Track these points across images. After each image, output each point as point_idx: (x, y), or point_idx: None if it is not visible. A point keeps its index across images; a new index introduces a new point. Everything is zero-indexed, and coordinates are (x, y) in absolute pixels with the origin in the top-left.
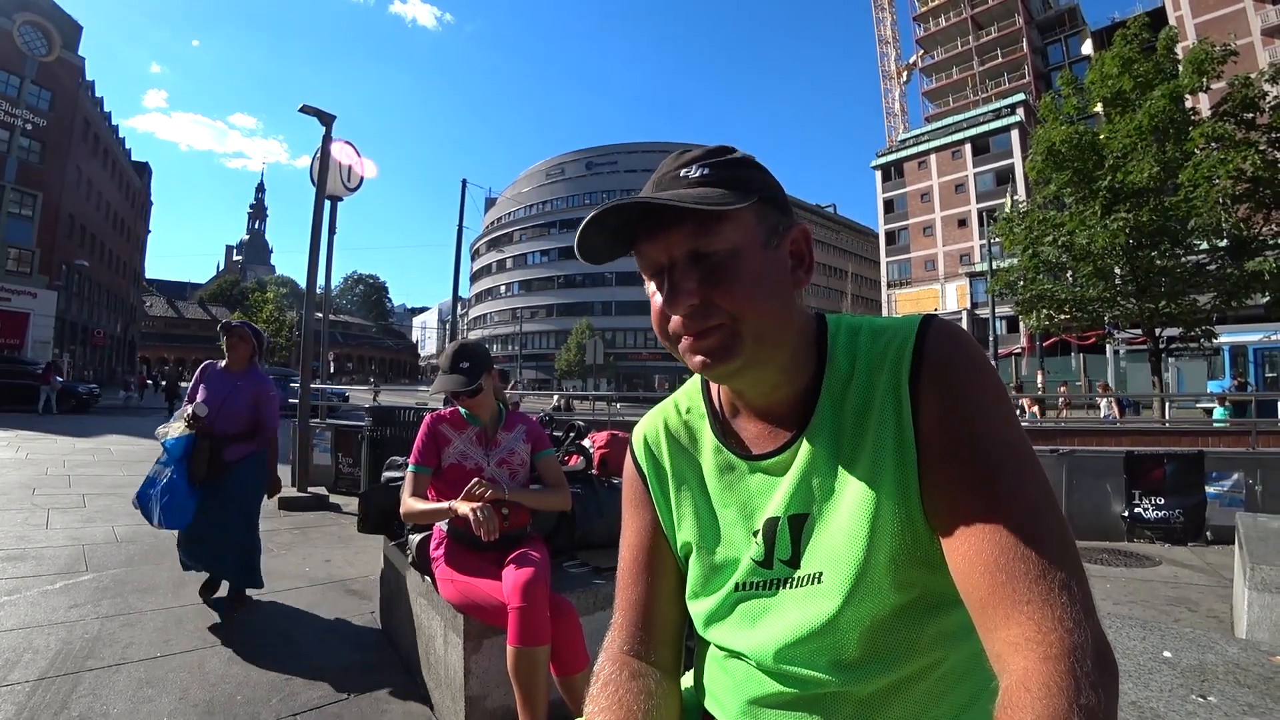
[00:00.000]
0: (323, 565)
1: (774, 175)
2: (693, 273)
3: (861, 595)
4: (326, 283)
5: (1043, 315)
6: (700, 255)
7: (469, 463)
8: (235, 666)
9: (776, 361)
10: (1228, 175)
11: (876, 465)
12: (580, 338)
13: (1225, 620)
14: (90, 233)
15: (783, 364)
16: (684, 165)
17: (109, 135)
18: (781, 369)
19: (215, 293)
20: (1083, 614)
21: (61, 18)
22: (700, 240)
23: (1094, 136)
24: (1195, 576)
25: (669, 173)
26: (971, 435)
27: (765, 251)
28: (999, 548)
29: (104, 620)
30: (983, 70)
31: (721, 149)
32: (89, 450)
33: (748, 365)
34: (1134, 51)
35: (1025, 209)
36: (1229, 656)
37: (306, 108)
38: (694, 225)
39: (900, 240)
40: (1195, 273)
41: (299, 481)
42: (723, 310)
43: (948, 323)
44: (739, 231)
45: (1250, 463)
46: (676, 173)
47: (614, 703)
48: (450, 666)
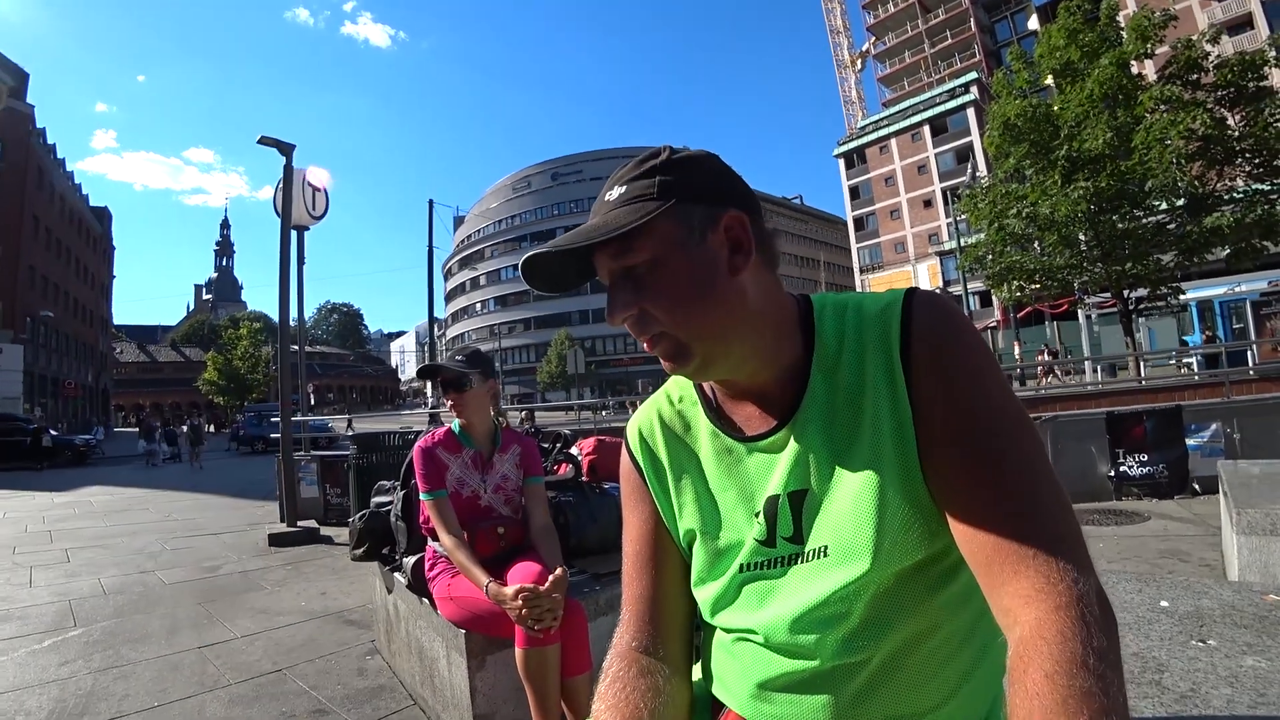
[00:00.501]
0: (318, 598)
1: (712, 165)
2: (627, 285)
3: (867, 565)
4: (300, 314)
5: (1014, 287)
6: (627, 270)
7: (466, 491)
8: (236, 709)
9: (738, 351)
10: (1179, 136)
11: (875, 437)
12: (560, 348)
13: (1217, 567)
14: (53, 282)
15: (752, 351)
16: (610, 188)
17: (64, 182)
18: (757, 354)
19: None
20: (1084, 565)
21: (9, 66)
22: (622, 259)
23: (1047, 108)
24: (1184, 528)
25: (602, 197)
26: (965, 402)
27: (688, 251)
28: (1001, 508)
29: (97, 674)
30: (934, 52)
31: (651, 156)
32: (68, 504)
33: (705, 364)
34: (1078, 23)
35: (987, 184)
36: (1224, 600)
37: (265, 139)
38: (614, 247)
39: (869, 225)
40: (1156, 232)
41: (287, 516)
42: (655, 320)
43: (931, 293)
44: (655, 241)
45: (1226, 412)
46: (604, 197)
47: (621, 700)
48: (456, 687)
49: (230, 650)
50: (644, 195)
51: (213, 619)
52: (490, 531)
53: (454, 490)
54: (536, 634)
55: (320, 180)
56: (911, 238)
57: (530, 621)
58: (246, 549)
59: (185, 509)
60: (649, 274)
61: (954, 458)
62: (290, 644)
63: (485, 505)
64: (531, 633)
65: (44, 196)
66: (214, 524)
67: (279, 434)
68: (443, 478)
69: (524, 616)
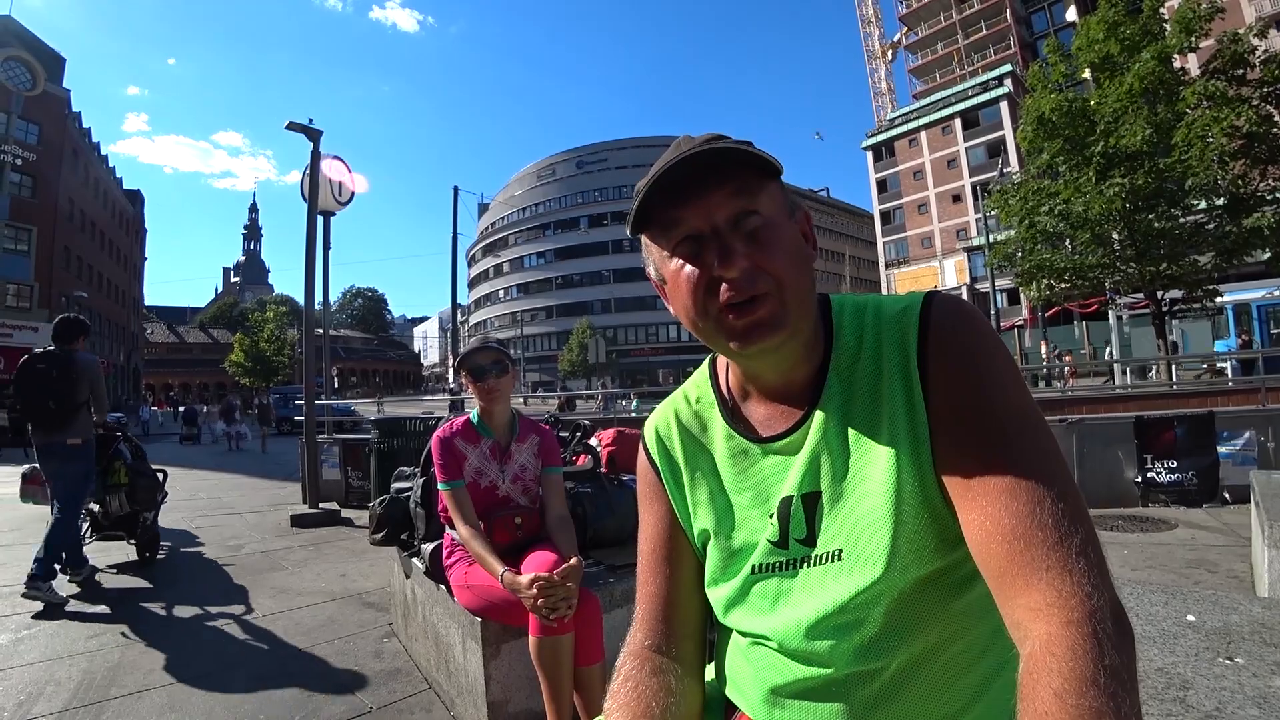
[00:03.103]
0: (338, 580)
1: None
2: (738, 236)
3: (883, 571)
4: (325, 298)
5: (1043, 285)
6: (741, 218)
7: (484, 480)
8: (257, 686)
9: (805, 334)
10: (1222, 133)
11: (890, 441)
12: (581, 337)
13: (1245, 580)
14: (87, 263)
15: (807, 339)
16: (703, 142)
17: (99, 165)
18: (804, 344)
19: (215, 316)
20: (1100, 579)
21: (44, 51)
22: (743, 200)
23: (1084, 103)
24: (1212, 537)
25: (688, 150)
26: (981, 407)
27: (791, 223)
28: (1015, 517)
29: (124, 648)
30: (968, 44)
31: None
32: None
33: (791, 337)
34: (1119, 15)
35: (1019, 180)
36: (1253, 616)
37: (293, 125)
38: (734, 187)
39: (896, 220)
40: (1194, 233)
41: (310, 498)
42: (769, 277)
43: (952, 297)
44: (773, 201)
45: (1261, 420)
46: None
47: (633, 699)
48: (470, 674)
49: (252, 628)
50: (755, 155)
51: (236, 597)
52: (507, 521)
53: (472, 480)
54: (551, 623)
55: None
56: (939, 233)
57: (545, 610)
58: (269, 529)
59: (211, 488)
60: (765, 229)
61: (967, 464)
62: (310, 624)
63: (503, 495)
64: (546, 621)
65: (79, 179)
66: (239, 503)
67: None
68: (460, 468)
69: (539, 605)
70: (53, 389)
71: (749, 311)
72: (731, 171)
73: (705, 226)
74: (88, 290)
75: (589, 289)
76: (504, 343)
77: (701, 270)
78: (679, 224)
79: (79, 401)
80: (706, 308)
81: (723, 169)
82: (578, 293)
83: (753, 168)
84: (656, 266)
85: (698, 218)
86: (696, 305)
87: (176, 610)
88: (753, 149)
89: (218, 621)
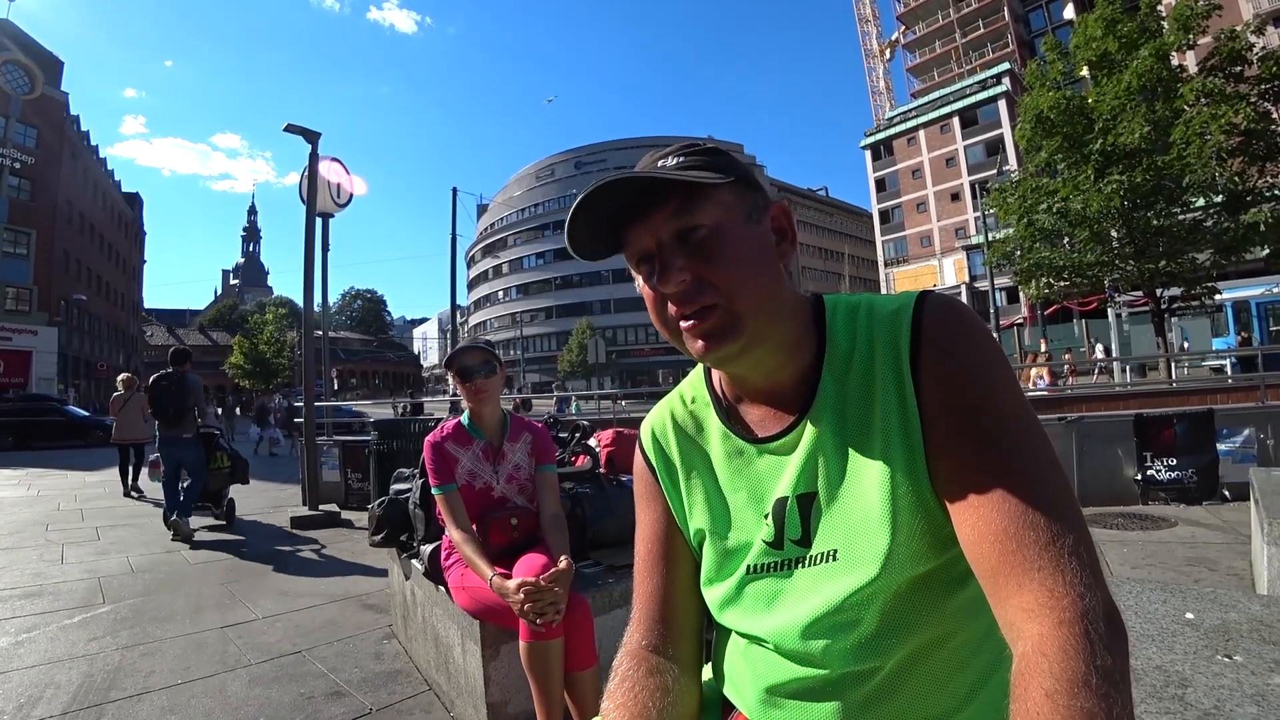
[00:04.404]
0: (338, 581)
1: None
2: (680, 251)
3: (876, 571)
4: (324, 300)
5: (1042, 283)
6: (685, 233)
7: (479, 482)
8: (256, 688)
9: (775, 338)
10: (1220, 130)
11: (884, 442)
12: (581, 337)
13: (1245, 577)
14: (86, 267)
15: (781, 342)
16: (659, 159)
17: (97, 168)
18: (782, 348)
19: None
20: (1092, 579)
21: (42, 54)
22: (683, 218)
23: (1082, 101)
24: (1212, 535)
25: (645, 167)
26: (974, 407)
27: (748, 226)
28: (1007, 517)
29: (124, 651)
30: (965, 42)
31: (694, 143)
32: (99, 483)
33: (750, 344)
34: (1117, 12)
35: (1018, 178)
36: (1252, 614)
37: (291, 127)
38: (676, 203)
39: (894, 218)
40: (1193, 230)
41: (309, 500)
42: (714, 288)
43: (945, 296)
44: (720, 209)
45: (1261, 417)
46: (653, 165)
47: (630, 699)
48: (470, 675)
49: (252, 630)
50: (705, 166)
51: (235, 599)
52: (503, 522)
53: (466, 483)
54: (539, 628)
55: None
56: (938, 231)
57: (532, 615)
58: (269, 532)
59: None
60: (710, 240)
61: (960, 465)
62: (310, 626)
63: (499, 496)
64: (534, 626)
65: (77, 182)
66: (239, 505)
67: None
68: (452, 471)
69: (526, 610)
70: (171, 399)
71: (699, 323)
72: (669, 189)
73: (651, 244)
74: (87, 293)
75: (588, 289)
76: (494, 344)
77: (654, 288)
78: (630, 244)
79: (188, 407)
80: (665, 322)
81: (659, 189)
82: (577, 293)
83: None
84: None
85: (644, 237)
86: (658, 319)
87: (176, 613)
88: (676, 174)
89: (217, 623)
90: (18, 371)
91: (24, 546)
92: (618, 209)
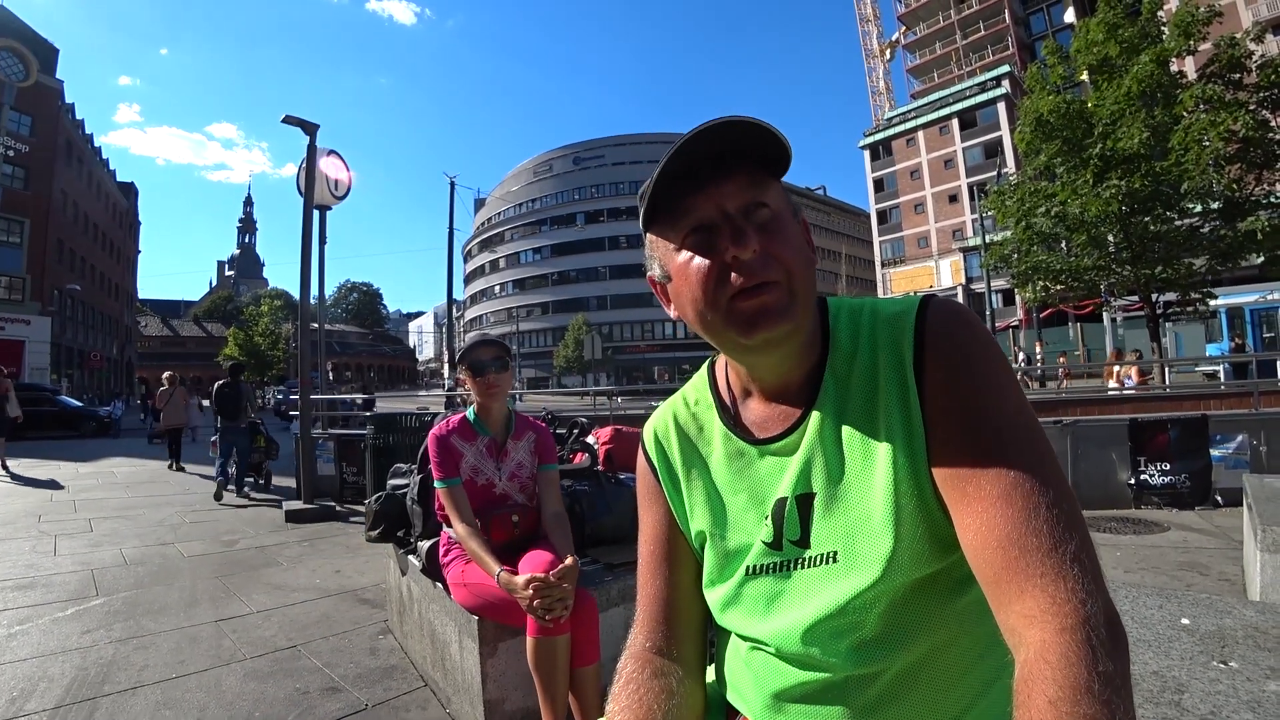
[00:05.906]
0: (333, 576)
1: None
2: (751, 224)
3: (878, 574)
4: (320, 293)
5: (1039, 287)
6: (751, 209)
7: (481, 478)
8: (251, 683)
9: (806, 331)
10: (1219, 137)
11: (886, 444)
12: (577, 333)
13: (1237, 583)
14: (80, 256)
15: (806, 337)
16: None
17: (92, 157)
18: (803, 343)
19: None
20: (1094, 585)
21: (37, 41)
22: (755, 192)
23: (1082, 105)
24: (1204, 540)
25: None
26: (976, 411)
27: (795, 221)
28: (1009, 523)
29: (117, 644)
30: (966, 44)
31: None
32: (92, 474)
33: (797, 329)
34: (1118, 17)
35: (1016, 181)
36: (1247, 620)
37: (289, 118)
38: (747, 177)
39: (892, 219)
40: (1189, 236)
41: (305, 493)
42: (780, 265)
43: (948, 300)
44: (779, 196)
45: (1254, 424)
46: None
47: (635, 701)
48: (467, 671)
49: (246, 625)
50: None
51: (230, 593)
52: (504, 519)
53: (469, 478)
54: (547, 624)
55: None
56: (935, 233)
57: (541, 611)
58: (264, 524)
59: (205, 483)
60: (774, 221)
61: (962, 468)
62: (305, 620)
63: (500, 493)
64: (542, 622)
65: (72, 172)
66: (233, 498)
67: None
68: (457, 465)
69: (535, 606)
70: (231, 399)
71: (758, 295)
72: (742, 163)
73: (716, 214)
74: (81, 283)
75: (585, 285)
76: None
77: (713, 259)
78: (689, 213)
79: (242, 406)
80: (716, 297)
81: (732, 160)
82: (574, 289)
83: (764, 162)
84: (662, 263)
85: (708, 206)
86: (706, 295)
87: (170, 606)
88: (774, 130)
89: (211, 617)
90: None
91: (16, 538)
92: (682, 173)
